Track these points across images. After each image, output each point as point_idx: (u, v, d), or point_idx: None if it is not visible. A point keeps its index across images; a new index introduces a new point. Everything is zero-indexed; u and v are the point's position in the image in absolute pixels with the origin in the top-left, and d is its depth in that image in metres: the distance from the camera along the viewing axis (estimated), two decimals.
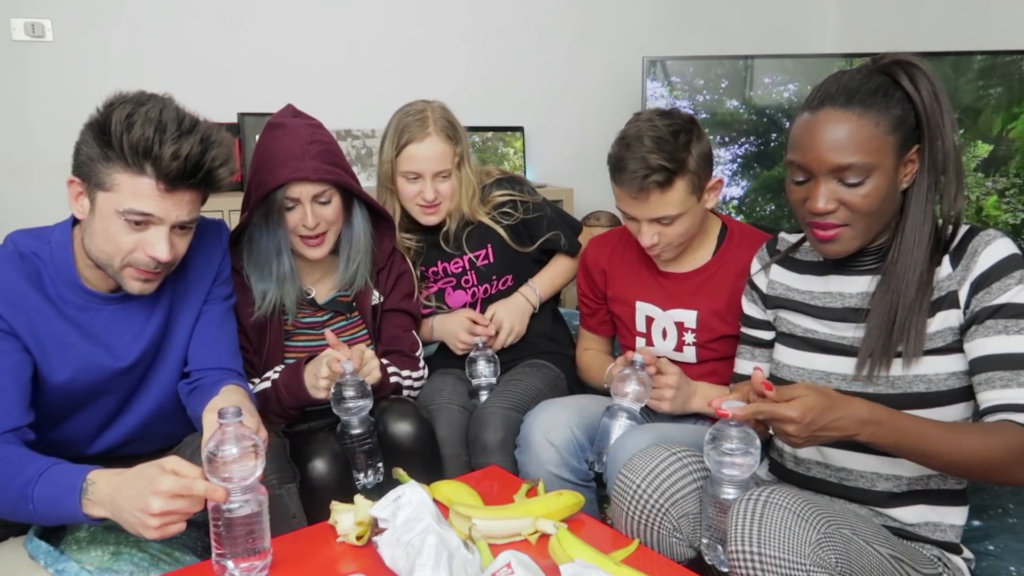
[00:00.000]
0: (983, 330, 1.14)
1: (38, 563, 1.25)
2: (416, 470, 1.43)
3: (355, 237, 1.71)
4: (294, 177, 1.57)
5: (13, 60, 2.43)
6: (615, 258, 1.78)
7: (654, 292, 1.71)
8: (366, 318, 1.76)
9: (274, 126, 1.64)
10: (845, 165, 1.14)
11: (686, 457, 1.29)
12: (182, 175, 1.23)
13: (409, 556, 1.08)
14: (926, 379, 1.18)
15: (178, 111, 1.26)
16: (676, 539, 1.25)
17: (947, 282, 1.18)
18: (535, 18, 3.12)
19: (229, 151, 1.31)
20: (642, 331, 1.73)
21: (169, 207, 1.25)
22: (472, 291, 1.94)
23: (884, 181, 1.15)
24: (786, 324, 1.36)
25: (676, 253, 1.64)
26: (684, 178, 1.51)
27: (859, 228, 1.18)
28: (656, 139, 1.49)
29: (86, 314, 1.34)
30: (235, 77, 2.70)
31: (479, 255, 1.92)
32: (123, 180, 1.23)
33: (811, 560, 1.01)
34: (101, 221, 1.26)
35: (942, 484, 1.24)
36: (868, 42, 3.24)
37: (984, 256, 1.16)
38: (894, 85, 1.16)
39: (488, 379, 1.83)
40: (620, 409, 1.53)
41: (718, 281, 1.63)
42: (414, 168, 1.80)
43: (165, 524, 1.08)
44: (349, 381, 1.50)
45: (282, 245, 1.64)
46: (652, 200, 1.51)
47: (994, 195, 2.65)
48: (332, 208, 1.64)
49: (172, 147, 1.21)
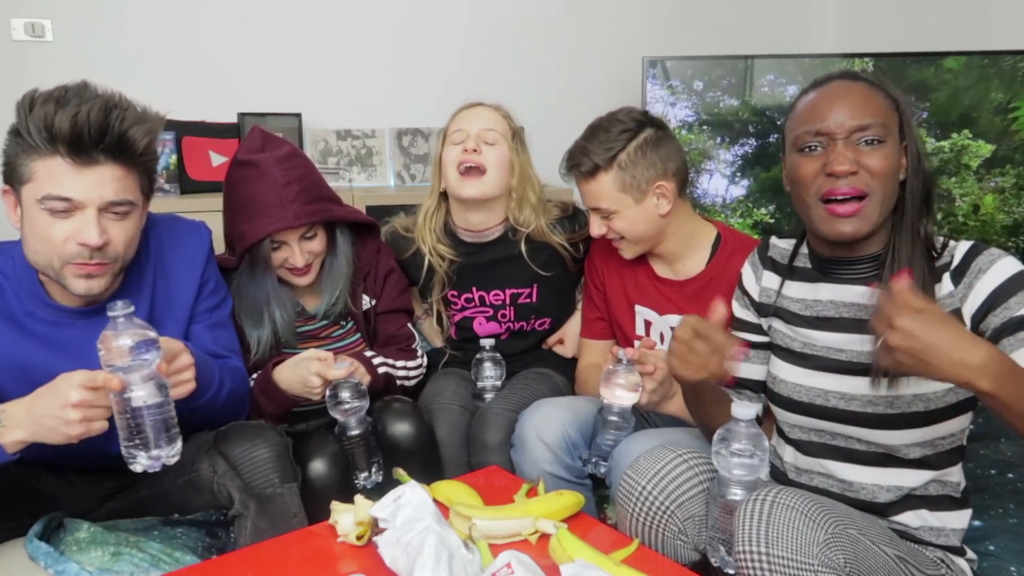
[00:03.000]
0: (1016, 342, 1.09)
1: (38, 564, 1.25)
2: (416, 470, 1.43)
3: (337, 263, 1.68)
4: (276, 228, 1.53)
5: (13, 60, 2.43)
6: (615, 257, 1.77)
7: (651, 297, 1.71)
8: (359, 324, 1.76)
9: (244, 164, 1.57)
10: (865, 124, 1.16)
11: (692, 459, 1.29)
12: (89, 142, 1.17)
13: (409, 556, 1.08)
14: (924, 398, 1.17)
15: (86, 88, 1.22)
16: (681, 541, 1.25)
17: (948, 300, 1.17)
18: (534, 18, 3.12)
19: (141, 116, 1.24)
20: (641, 335, 1.73)
21: (89, 185, 1.19)
22: (508, 325, 1.90)
23: (894, 152, 1.18)
24: (781, 336, 1.33)
25: (636, 252, 1.66)
26: (609, 174, 1.55)
27: (877, 199, 1.16)
28: (600, 129, 1.56)
29: (56, 330, 1.29)
30: (235, 77, 2.70)
31: (522, 292, 1.86)
32: (38, 166, 1.19)
33: (819, 560, 1.01)
34: (29, 220, 1.22)
35: (942, 490, 1.23)
36: (868, 42, 3.23)
37: (991, 275, 1.14)
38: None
39: (493, 382, 1.82)
40: (610, 408, 1.51)
41: (712, 290, 1.61)
42: (460, 126, 1.76)
43: (87, 419, 1.10)
44: (344, 384, 1.50)
45: (271, 291, 1.62)
46: (583, 188, 1.60)
47: (993, 195, 2.65)
48: (318, 240, 1.62)
49: (71, 113, 1.16)
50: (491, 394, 1.80)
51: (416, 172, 2.96)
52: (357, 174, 2.88)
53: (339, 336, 1.75)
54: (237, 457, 1.34)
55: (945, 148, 2.68)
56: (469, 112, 1.79)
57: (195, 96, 2.63)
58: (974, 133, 2.65)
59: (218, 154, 2.61)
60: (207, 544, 1.42)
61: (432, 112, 2.96)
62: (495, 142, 1.75)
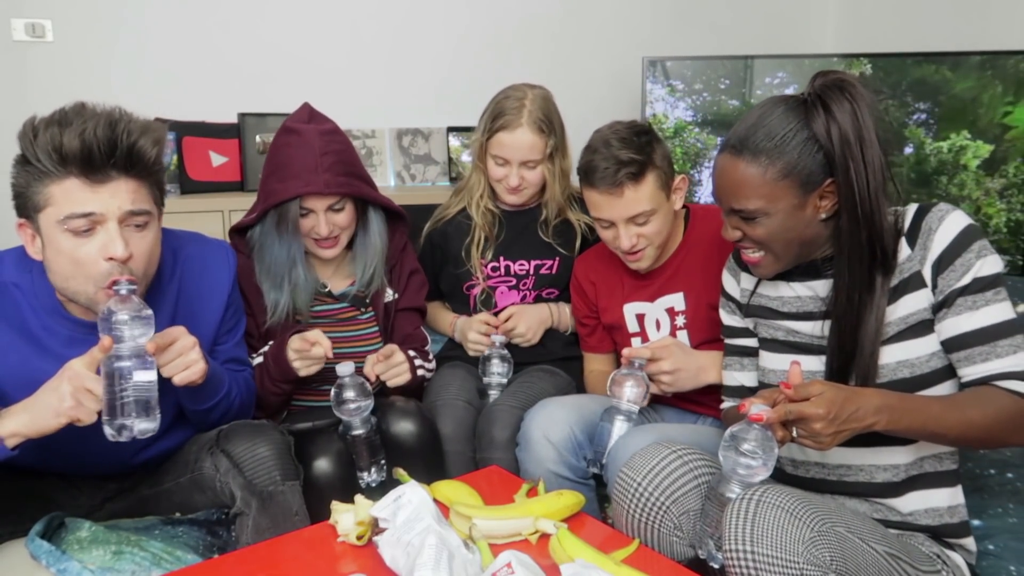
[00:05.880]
0: (954, 310, 1.17)
1: (40, 563, 1.26)
2: (419, 469, 1.43)
3: (371, 241, 1.73)
4: (306, 191, 1.58)
5: (13, 60, 2.43)
6: (600, 268, 1.81)
7: (639, 291, 1.74)
8: (379, 315, 1.77)
9: (288, 131, 1.64)
10: (737, 208, 1.22)
11: (687, 455, 1.29)
12: (100, 158, 1.18)
13: (409, 556, 1.08)
14: (909, 364, 1.20)
15: (85, 108, 1.21)
16: (677, 538, 1.26)
17: (908, 263, 1.20)
18: (534, 18, 3.12)
19: (146, 126, 1.24)
20: (636, 331, 1.74)
21: (106, 199, 1.20)
22: (524, 295, 1.97)
23: (782, 219, 1.20)
24: (766, 329, 1.36)
25: (655, 257, 1.68)
26: (653, 171, 1.58)
27: (775, 254, 1.24)
28: (621, 139, 1.58)
29: (72, 347, 1.25)
30: (235, 77, 2.70)
31: (544, 263, 1.95)
32: (53, 190, 1.19)
33: (804, 558, 1.02)
34: (52, 247, 1.22)
35: (938, 466, 1.26)
36: (868, 42, 3.23)
37: (940, 233, 1.18)
38: (801, 126, 1.17)
39: (500, 379, 1.84)
40: (618, 411, 1.53)
41: (693, 258, 1.69)
42: (502, 154, 1.85)
43: (77, 394, 1.13)
44: (349, 382, 1.50)
45: (296, 256, 1.65)
46: (627, 195, 1.56)
47: (992, 194, 2.65)
48: (346, 214, 1.66)
49: (77, 132, 1.16)
50: (496, 391, 1.81)
51: (416, 172, 2.96)
52: None
53: (359, 322, 1.76)
54: (239, 455, 1.34)
55: (944, 148, 2.68)
56: (509, 136, 1.83)
57: (195, 96, 2.64)
58: (973, 133, 2.65)
59: (218, 154, 2.61)
60: (208, 543, 1.42)
61: (432, 112, 2.97)
62: (534, 166, 1.87)
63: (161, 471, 1.46)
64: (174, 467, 1.44)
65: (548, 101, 1.88)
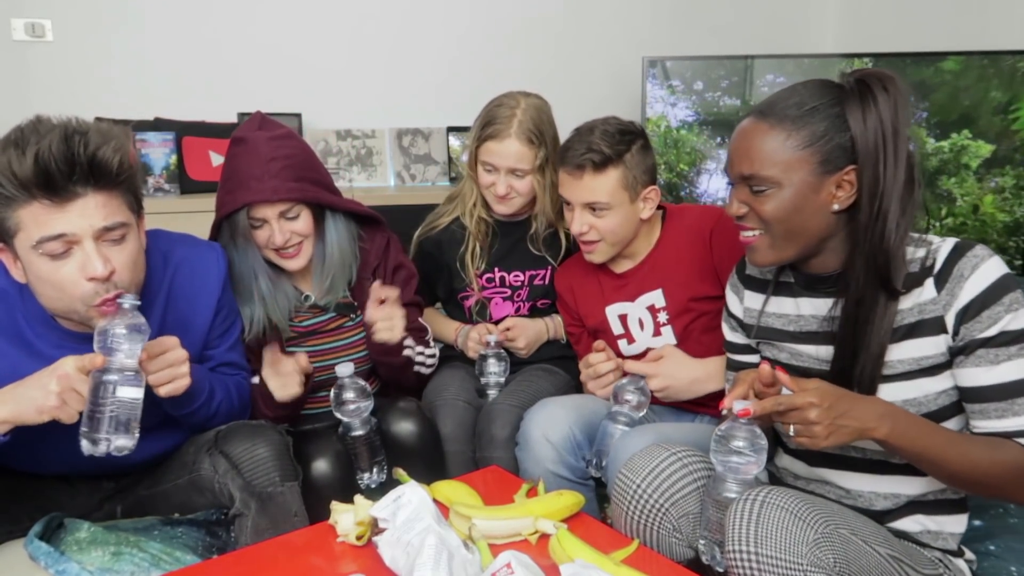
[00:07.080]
0: (973, 359, 1.11)
1: (38, 564, 1.25)
2: (418, 469, 1.43)
3: (328, 251, 1.66)
4: (252, 200, 1.52)
5: (13, 60, 2.43)
6: (578, 273, 1.82)
7: (618, 292, 1.75)
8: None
9: (236, 141, 1.59)
10: (749, 175, 1.18)
11: (686, 457, 1.29)
12: (60, 177, 1.12)
13: (409, 556, 1.08)
14: (915, 403, 1.16)
15: (40, 123, 1.15)
16: (676, 539, 1.25)
17: (932, 306, 1.14)
18: (534, 18, 3.12)
19: (105, 134, 1.17)
20: (620, 332, 1.75)
21: (74, 218, 1.14)
22: (519, 306, 1.95)
23: (793, 196, 1.15)
24: (768, 349, 1.34)
25: (608, 255, 1.69)
26: (620, 169, 1.60)
27: (773, 237, 1.19)
28: (604, 132, 1.61)
29: (62, 353, 1.21)
30: (235, 77, 2.70)
31: (538, 274, 1.94)
32: (22, 215, 1.14)
33: (808, 560, 1.01)
34: (32, 270, 1.18)
35: (940, 496, 1.23)
36: (868, 42, 3.24)
37: (971, 283, 1.11)
38: (835, 103, 1.14)
39: (497, 378, 1.83)
40: (620, 416, 1.54)
41: (669, 253, 1.71)
42: (491, 161, 1.83)
43: (63, 394, 1.12)
44: (348, 384, 1.50)
45: (256, 266, 1.60)
46: (585, 179, 1.60)
47: (992, 194, 2.65)
48: (302, 222, 1.58)
49: (32, 154, 1.10)
50: (495, 390, 1.81)
51: (416, 172, 2.96)
52: (357, 174, 2.88)
53: (346, 330, 1.74)
54: (238, 456, 1.34)
55: (945, 148, 2.68)
56: (497, 145, 1.81)
57: (195, 96, 2.64)
58: (974, 133, 2.65)
59: (218, 154, 2.61)
60: (207, 544, 1.41)
61: (432, 112, 2.97)
62: (523, 175, 1.84)
63: (159, 472, 1.46)
64: (172, 468, 1.44)
65: (541, 111, 1.85)
